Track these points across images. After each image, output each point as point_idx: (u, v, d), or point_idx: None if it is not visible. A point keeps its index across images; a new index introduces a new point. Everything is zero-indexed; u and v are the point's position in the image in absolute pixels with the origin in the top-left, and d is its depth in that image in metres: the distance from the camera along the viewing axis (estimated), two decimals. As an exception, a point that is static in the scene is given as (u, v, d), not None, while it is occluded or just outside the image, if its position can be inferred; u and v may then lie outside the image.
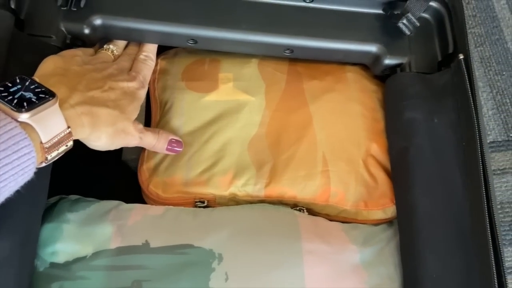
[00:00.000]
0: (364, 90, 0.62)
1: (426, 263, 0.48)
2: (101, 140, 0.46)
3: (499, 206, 0.83)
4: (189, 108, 0.59)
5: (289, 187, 0.56)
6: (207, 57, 0.63)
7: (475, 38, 0.99)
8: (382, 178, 0.57)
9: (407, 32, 0.59)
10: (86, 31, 0.55)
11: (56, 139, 0.40)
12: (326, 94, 0.60)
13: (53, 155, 0.41)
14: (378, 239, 0.54)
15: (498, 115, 0.92)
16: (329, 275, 0.49)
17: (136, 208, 0.51)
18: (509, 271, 0.79)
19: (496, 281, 0.43)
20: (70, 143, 0.42)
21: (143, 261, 0.46)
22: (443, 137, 0.53)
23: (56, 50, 0.52)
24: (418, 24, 0.58)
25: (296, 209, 0.57)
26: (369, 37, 0.60)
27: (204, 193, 0.56)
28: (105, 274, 0.45)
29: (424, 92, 0.56)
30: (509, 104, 0.93)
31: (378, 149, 0.58)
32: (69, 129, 0.41)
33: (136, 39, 0.58)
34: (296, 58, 0.62)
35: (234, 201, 0.57)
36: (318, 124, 0.58)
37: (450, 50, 0.59)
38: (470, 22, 1.01)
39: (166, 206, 0.53)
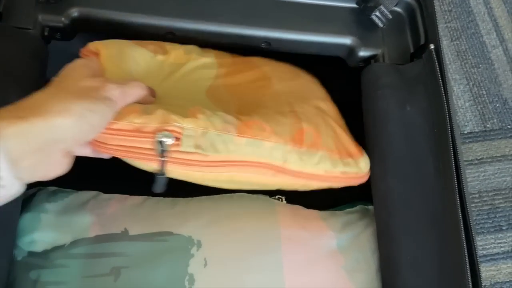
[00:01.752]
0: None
1: (400, 245, 0.49)
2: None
3: (477, 195, 0.85)
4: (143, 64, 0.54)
5: (265, 122, 0.50)
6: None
7: (451, 33, 1.02)
8: (341, 134, 0.55)
9: (380, 24, 0.60)
10: (64, 23, 0.55)
11: None
12: (279, 64, 0.62)
13: None
14: (355, 225, 0.55)
15: (475, 106, 0.94)
16: (307, 260, 0.50)
17: (115, 197, 0.52)
18: (487, 258, 0.81)
19: (467, 258, 0.44)
20: None
21: (122, 249, 0.46)
22: (415, 124, 0.54)
23: (37, 40, 0.53)
24: (390, 16, 0.60)
25: (274, 198, 0.58)
26: (343, 30, 0.61)
27: (167, 122, 0.45)
28: (84, 262, 0.45)
29: (397, 82, 0.58)
30: (485, 95, 0.95)
31: (335, 113, 0.58)
32: None
33: (113, 32, 0.58)
34: (274, 51, 0.63)
35: (201, 144, 0.46)
36: (275, 78, 0.59)
37: (422, 41, 0.61)
38: (446, 16, 1.03)
39: (145, 196, 0.53)
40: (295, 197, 0.59)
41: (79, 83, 0.40)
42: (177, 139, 0.45)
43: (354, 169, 0.53)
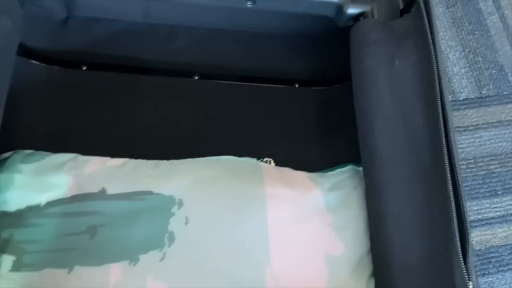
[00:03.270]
0: None
1: (387, 200, 0.47)
2: None
3: (472, 161, 0.83)
4: None
5: None
6: None
7: (447, 0, 0.99)
8: None
9: (368, -20, 0.58)
10: None
11: None
12: None
13: None
14: (344, 185, 0.54)
15: (471, 73, 0.91)
16: (293, 218, 0.48)
17: (95, 159, 0.50)
18: (483, 222, 0.79)
19: (453, 209, 0.42)
20: None
21: (99, 207, 0.45)
22: (403, 79, 0.52)
23: None
24: (378, -29, 0.58)
25: (262, 161, 0.56)
26: None
27: None
28: (59, 221, 0.44)
29: (384, 37, 0.56)
30: (481, 62, 0.93)
31: None
32: None
33: None
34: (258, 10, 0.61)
35: None
36: None
37: (411, -4, 0.59)
38: (441, -17, 1.00)
39: (127, 158, 0.51)
40: (284, 161, 0.58)
41: None
42: None
43: None
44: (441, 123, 0.46)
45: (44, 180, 0.46)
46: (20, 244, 0.43)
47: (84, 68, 0.67)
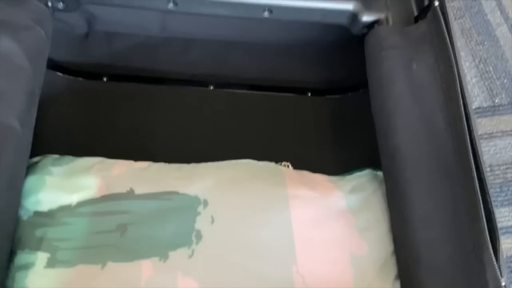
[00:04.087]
0: None
1: (411, 201, 0.48)
2: None
3: (488, 169, 0.83)
4: None
5: None
6: None
7: (455, 11, 1.01)
8: None
9: (383, -13, 0.60)
10: None
11: None
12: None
13: None
14: (364, 188, 0.54)
15: (482, 82, 0.93)
16: (316, 218, 0.49)
17: (120, 162, 0.51)
18: (502, 231, 0.79)
19: (481, 205, 0.42)
20: None
21: (127, 207, 0.45)
22: (422, 81, 0.53)
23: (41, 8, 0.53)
24: (393, -21, 0.59)
25: (280, 164, 0.57)
26: None
27: None
28: (90, 220, 0.45)
29: (401, 42, 0.57)
30: (492, 72, 0.94)
31: None
32: None
33: (117, 3, 0.58)
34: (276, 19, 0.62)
35: None
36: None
37: (426, 3, 0.60)
38: (449, -4, 1.02)
39: (151, 162, 0.52)
40: (301, 167, 0.59)
41: None
42: None
43: None
44: (465, 122, 0.47)
45: (74, 182, 0.47)
46: (54, 242, 0.43)
47: (105, 79, 0.69)
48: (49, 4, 0.55)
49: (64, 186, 0.47)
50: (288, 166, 0.58)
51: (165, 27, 0.72)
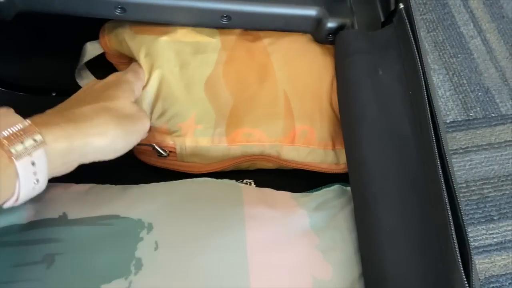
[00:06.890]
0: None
1: (378, 217, 0.43)
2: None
3: (464, 185, 0.80)
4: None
5: (253, 128, 0.54)
6: None
7: (427, 24, 0.99)
8: (336, 123, 0.56)
9: (347, -8, 0.56)
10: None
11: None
12: (284, 37, 0.59)
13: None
14: (331, 205, 0.50)
15: (456, 95, 0.90)
16: (275, 239, 0.44)
17: (57, 184, 0.45)
18: (480, 250, 0.75)
19: (451, 221, 0.38)
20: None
21: (57, 234, 0.40)
22: (389, 88, 0.50)
23: None
24: (356, -17, 0.56)
25: (241, 182, 0.52)
26: (309, 1, 0.57)
27: (163, 140, 0.53)
28: (14, 250, 0.39)
29: (367, 47, 0.53)
30: (466, 85, 0.91)
31: (333, 97, 0.57)
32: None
33: (57, 9, 0.53)
34: (233, 27, 0.58)
35: (196, 155, 0.54)
36: (277, 62, 0.57)
37: (392, 7, 0.57)
38: (421, 9, 1.00)
39: (93, 184, 0.47)
40: (265, 184, 0.54)
41: (123, 110, 0.45)
42: (172, 152, 0.54)
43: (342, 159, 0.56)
44: (432, 132, 0.43)
45: (-3, 205, 0.42)
46: (-32, 276, 0.38)
47: (54, 94, 0.64)
48: None
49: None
50: (250, 183, 0.53)
51: None
